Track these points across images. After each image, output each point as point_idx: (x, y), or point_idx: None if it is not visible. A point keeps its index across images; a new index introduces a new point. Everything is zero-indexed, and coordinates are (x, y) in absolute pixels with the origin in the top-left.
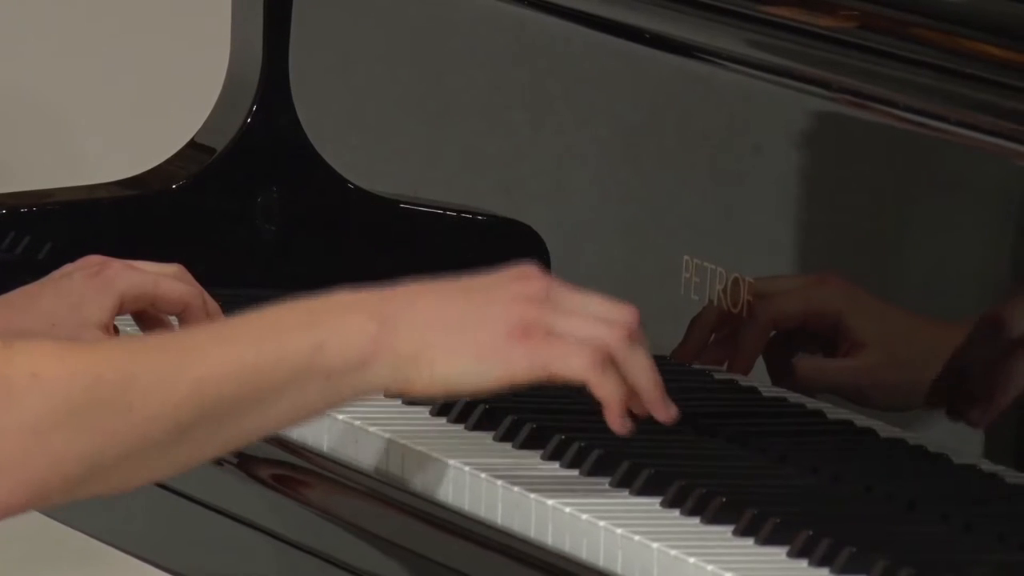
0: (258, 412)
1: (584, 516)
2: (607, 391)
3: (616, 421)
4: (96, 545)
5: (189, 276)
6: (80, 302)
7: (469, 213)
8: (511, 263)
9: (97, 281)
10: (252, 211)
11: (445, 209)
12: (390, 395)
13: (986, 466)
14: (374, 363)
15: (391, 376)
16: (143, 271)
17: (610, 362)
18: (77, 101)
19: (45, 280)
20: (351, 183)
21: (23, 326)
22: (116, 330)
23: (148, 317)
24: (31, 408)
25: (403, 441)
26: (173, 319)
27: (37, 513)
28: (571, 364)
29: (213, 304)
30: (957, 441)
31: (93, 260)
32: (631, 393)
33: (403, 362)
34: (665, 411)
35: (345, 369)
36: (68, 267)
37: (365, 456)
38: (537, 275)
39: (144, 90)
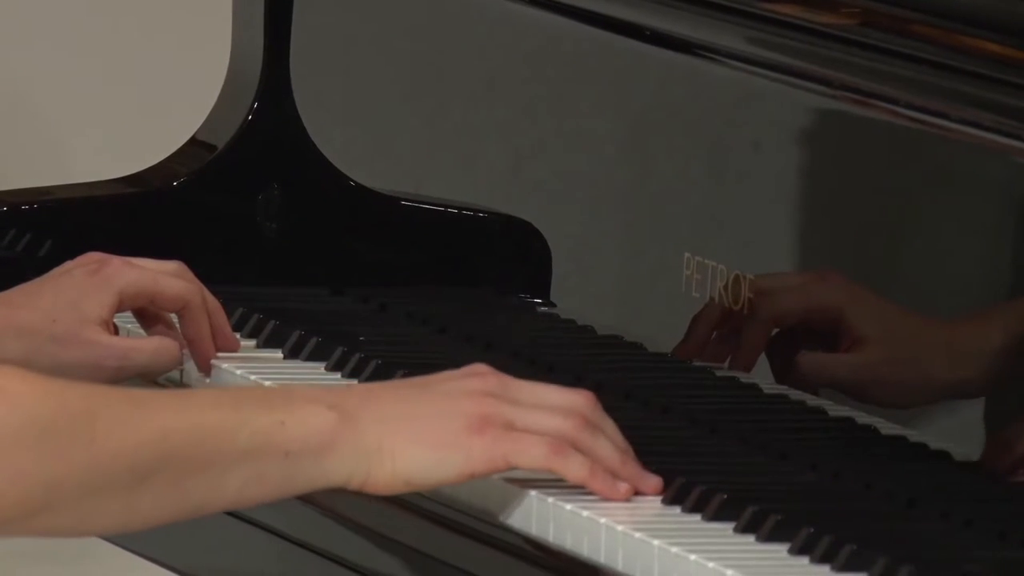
0: (216, 476)
1: (585, 513)
2: (574, 473)
3: (606, 492)
4: (96, 542)
5: (189, 273)
6: (80, 299)
7: (470, 210)
8: (512, 259)
9: (97, 278)
10: (253, 208)
11: (446, 207)
12: (351, 491)
13: (986, 463)
14: (334, 453)
15: (352, 469)
16: (143, 268)
17: (570, 447)
18: (78, 99)
19: (45, 277)
20: (352, 180)
21: (23, 323)
22: (115, 327)
23: (148, 314)
24: None
25: None
26: (173, 316)
27: None
28: (530, 455)
29: (213, 301)
30: (958, 438)
31: (93, 257)
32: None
33: (364, 455)
34: (646, 484)
35: (304, 451)
36: (68, 264)
37: None
38: (490, 372)
39: (145, 88)
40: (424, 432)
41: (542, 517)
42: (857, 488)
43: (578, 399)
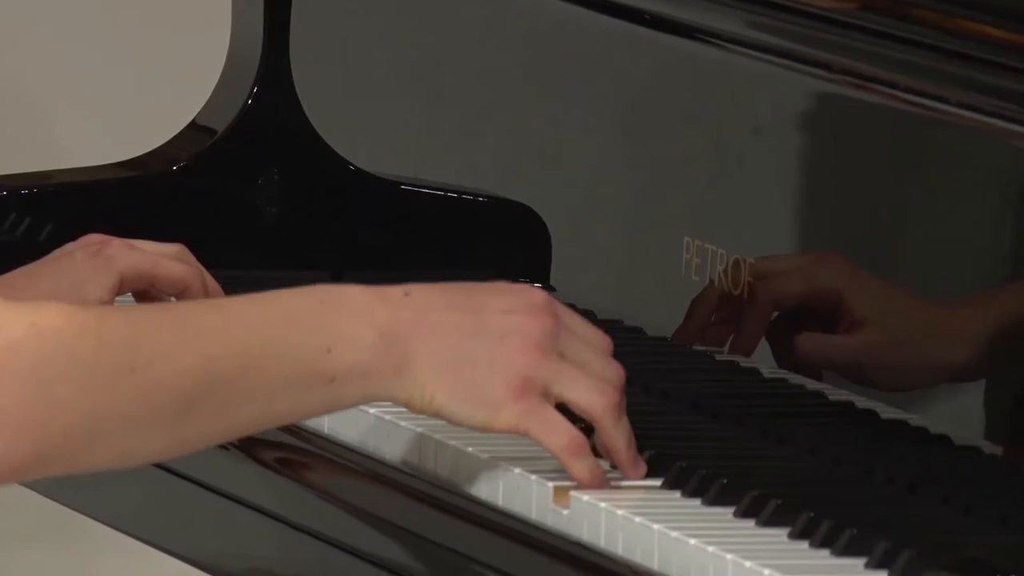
0: (261, 402)
1: (585, 497)
2: (578, 475)
3: (588, 485)
4: (95, 526)
5: (190, 256)
6: (80, 281)
7: (470, 194)
8: (511, 243)
9: (97, 260)
10: (253, 193)
11: (446, 190)
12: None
13: (987, 448)
14: (378, 380)
15: (393, 392)
16: (143, 250)
17: (587, 448)
18: (77, 82)
19: (45, 259)
20: (352, 164)
21: None
22: None
23: (148, 297)
24: (30, 356)
25: (397, 421)
26: (173, 299)
27: (37, 492)
28: (550, 441)
29: (214, 284)
30: (958, 422)
31: (93, 239)
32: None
33: (406, 387)
34: (635, 471)
35: (349, 376)
36: (69, 246)
37: (359, 435)
38: (546, 309)
39: (145, 72)
40: (467, 383)
41: (542, 501)
42: (857, 473)
43: (617, 373)
